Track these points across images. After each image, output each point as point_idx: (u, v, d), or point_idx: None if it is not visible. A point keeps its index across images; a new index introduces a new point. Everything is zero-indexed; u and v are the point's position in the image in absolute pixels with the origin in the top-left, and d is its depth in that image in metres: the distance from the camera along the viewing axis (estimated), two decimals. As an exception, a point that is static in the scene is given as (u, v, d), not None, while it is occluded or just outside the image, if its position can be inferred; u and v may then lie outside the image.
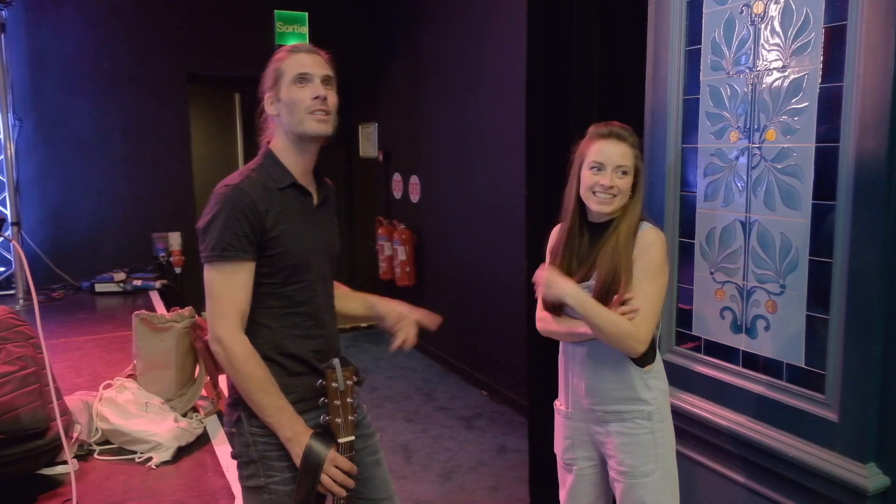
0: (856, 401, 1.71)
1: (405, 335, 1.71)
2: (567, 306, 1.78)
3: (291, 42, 5.70)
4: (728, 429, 2.02)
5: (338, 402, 1.49)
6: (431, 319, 1.76)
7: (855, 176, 1.67)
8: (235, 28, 5.57)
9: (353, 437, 1.53)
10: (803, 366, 1.85)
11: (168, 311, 4.20)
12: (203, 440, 2.24)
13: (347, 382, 1.49)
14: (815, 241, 1.80)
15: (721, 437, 2.06)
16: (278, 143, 1.63)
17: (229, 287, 1.52)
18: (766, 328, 1.95)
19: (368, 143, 6.49)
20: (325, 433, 1.53)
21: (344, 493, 1.53)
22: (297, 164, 1.62)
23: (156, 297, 4.60)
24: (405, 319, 1.73)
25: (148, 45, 5.27)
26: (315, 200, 1.67)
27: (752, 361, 2.00)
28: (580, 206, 1.86)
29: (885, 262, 1.63)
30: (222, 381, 2.72)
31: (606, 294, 1.75)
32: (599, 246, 1.81)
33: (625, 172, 1.78)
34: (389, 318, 1.74)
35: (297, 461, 1.51)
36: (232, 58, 5.61)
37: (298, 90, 1.56)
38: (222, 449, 2.15)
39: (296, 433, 1.52)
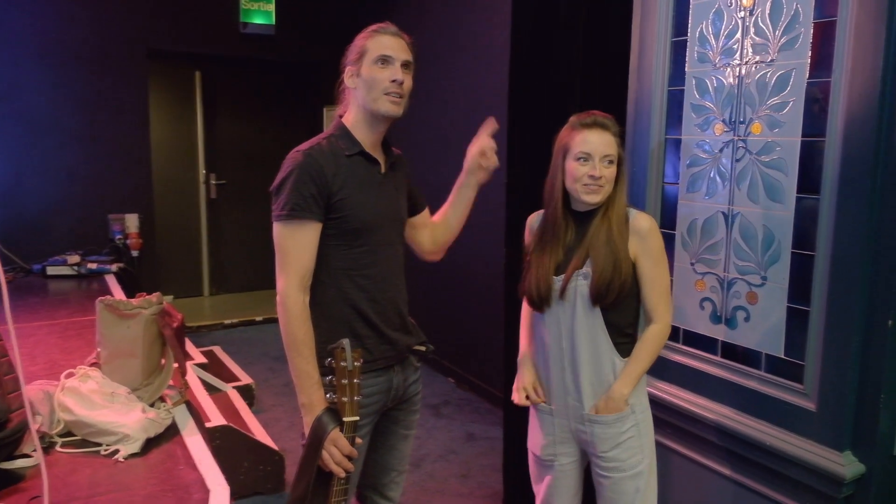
0: (834, 391, 1.74)
1: (487, 163, 1.87)
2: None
3: (256, 20, 5.55)
4: (705, 418, 2.04)
5: (345, 382, 1.50)
6: (489, 127, 1.88)
7: (840, 170, 1.69)
8: (198, 3, 5.38)
9: (357, 418, 1.54)
10: (782, 356, 1.88)
11: (127, 295, 4.07)
12: (172, 431, 2.15)
13: (355, 363, 1.48)
14: (798, 234, 1.82)
15: (698, 426, 2.08)
16: (351, 116, 1.74)
17: (294, 244, 1.61)
18: (746, 319, 1.97)
19: (334, 126, 6.37)
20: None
21: (342, 474, 1.54)
22: (366, 136, 1.73)
23: (112, 281, 4.43)
24: (475, 159, 1.88)
25: (106, 18, 5.04)
26: (382, 169, 1.76)
27: (731, 351, 2.02)
28: (565, 196, 1.84)
29: (867, 256, 1.66)
30: (190, 369, 2.63)
31: (608, 285, 1.73)
32: (589, 235, 1.80)
33: (611, 161, 1.77)
34: (469, 169, 1.91)
35: (307, 430, 1.57)
36: (194, 34, 5.43)
37: (379, 70, 1.66)
38: (193, 440, 2.07)
39: (311, 402, 1.59)
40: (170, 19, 5.29)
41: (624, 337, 1.83)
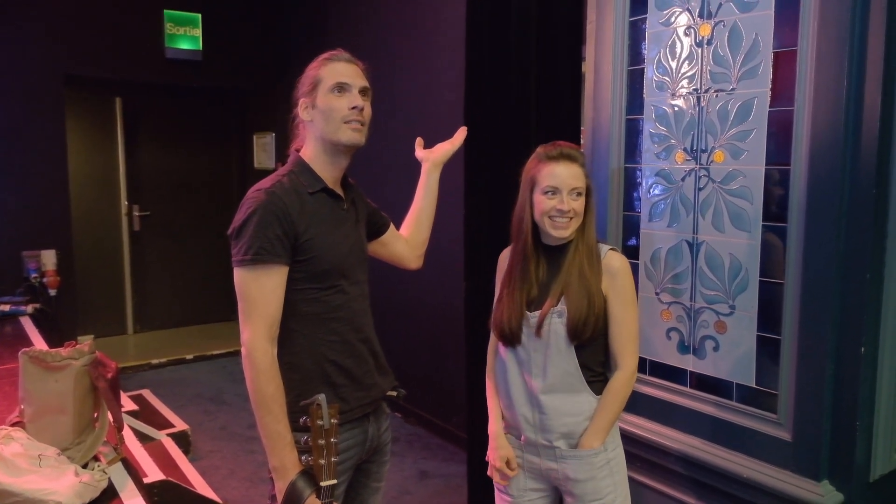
0: (809, 419, 1.73)
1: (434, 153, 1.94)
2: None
3: (182, 45, 5.34)
4: (677, 450, 2.01)
5: (322, 442, 1.37)
6: (459, 136, 2.00)
7: (807, 198, 1.70)
8: (120, 27, 5.12)
9: (335, 481, 1.41)
10: (754, 386, 1.86)
11: (45, 337, 3.74)
12: (109, 494, 1.95)
13: (332, 421, 1.35)
14: (766, 263, 1.82)
15: (669, 459, 2.04)
16: (309, 150, 1.64)
17: (260, 291, 1.49)
18: (715, 349, 1.95)
19: (265, 153, 6.18)
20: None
21: None
22: (327, 171, 1.62)
23: (28, 324, 4.08)
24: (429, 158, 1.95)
25: (19, 40, 4.71)
26: (345, 205, 1.67)
27: (701, 382, 2.00)
28: (534, 229, 1.78)
29: (837, 282, 1.67)
30: (127, 427, 2.41)
31: (584, 322, 1.68)
32: (562, 270, 1.74)
33: (579, 194, 1.73)
34: (426, 167, 1.96)
35: (280, 495, 1.43)
36: (114, 59, 5.15)
37: (336, 99, 1.57)
38: (134, 504, 1.88)
39: (284, 465, 1.46)
40: (88, 43, 5.00)
41: (596, 375, 1.78)
